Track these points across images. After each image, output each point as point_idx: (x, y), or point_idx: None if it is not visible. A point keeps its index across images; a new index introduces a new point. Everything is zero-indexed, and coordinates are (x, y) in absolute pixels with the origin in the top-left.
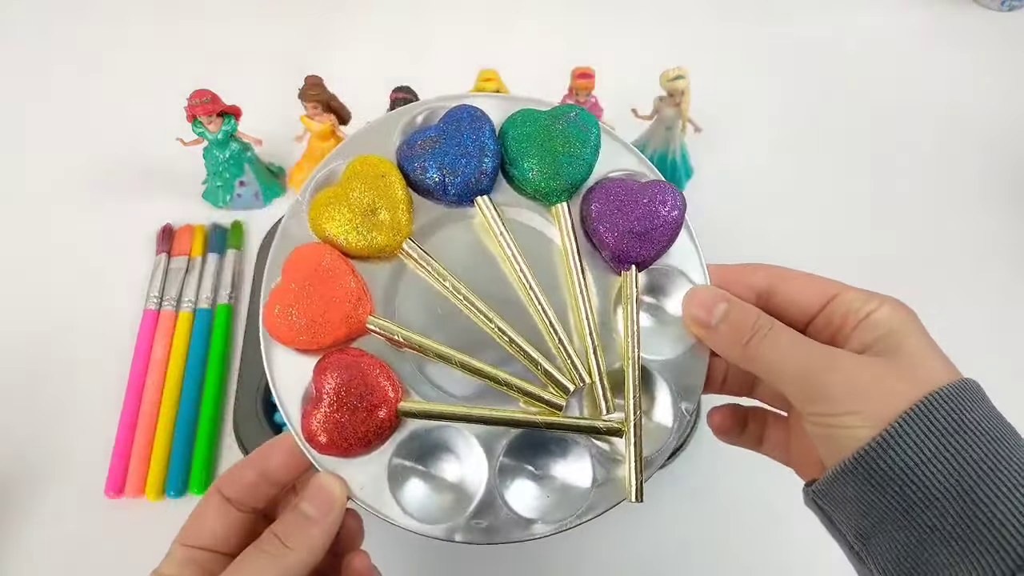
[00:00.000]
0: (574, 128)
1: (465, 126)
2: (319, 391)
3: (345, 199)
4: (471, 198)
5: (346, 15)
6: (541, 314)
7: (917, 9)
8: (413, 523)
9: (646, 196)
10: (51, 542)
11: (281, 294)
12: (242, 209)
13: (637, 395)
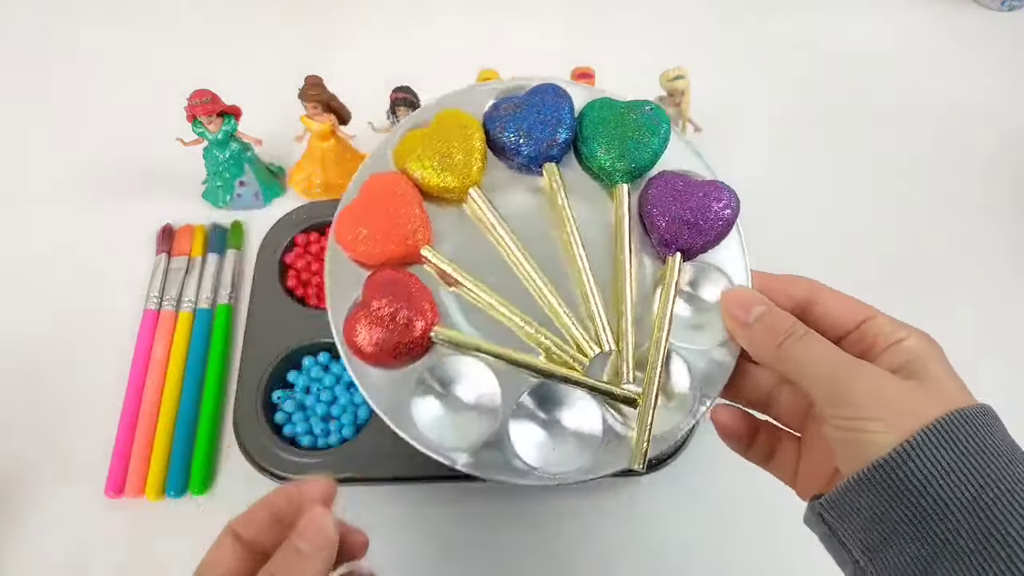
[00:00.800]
0: (646, 119)
1: (548, 99)
2: (366, 297)
3: (428, 140)
4: (540, 163)
5: (346, 15)
6: (584, 280)
7: (917, 9)
8: (424, 441)
9: (703, 191)
10: (51, 542)
11: (354, 207)
12: (242, 209)
13: (659, 370)
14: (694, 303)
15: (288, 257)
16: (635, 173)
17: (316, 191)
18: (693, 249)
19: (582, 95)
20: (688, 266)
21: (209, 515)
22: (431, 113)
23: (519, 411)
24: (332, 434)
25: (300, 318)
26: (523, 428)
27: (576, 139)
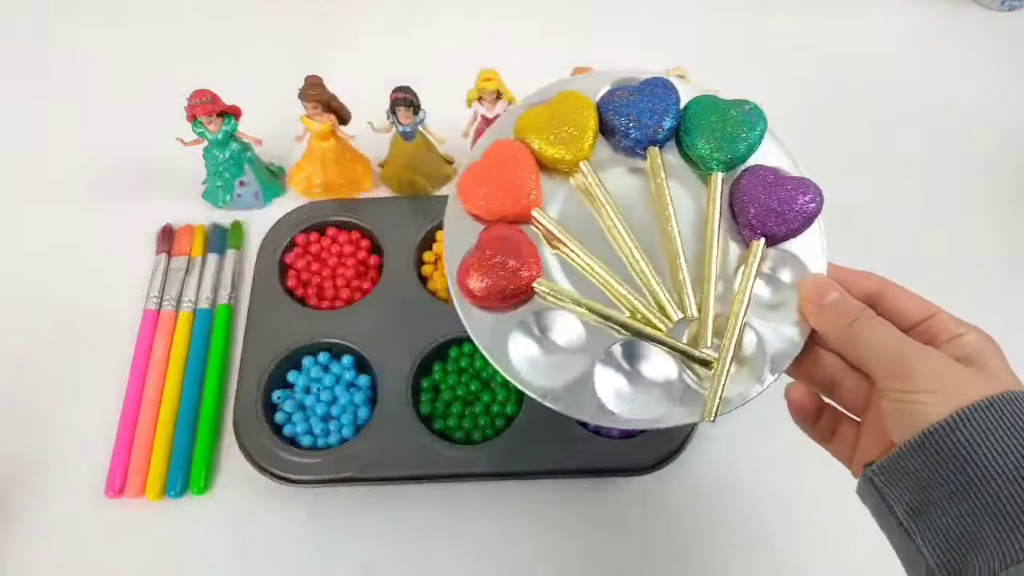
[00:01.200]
0: (745, 117)
1: (659, 90)
2: (481, 246)
3: (546, 115)
4: (645, 147)
5: (346, 15)
6: (678, 251)
7: (917, 9)
8: (520, 377)
9: (791, 184)
10: (52, 542)
11: (478, 167)
12: (242, 209)
13: (735, 339)
14: (772, 285)
15: (288, 257)
16: (730, 164)
17: (316, 191)
18: (776, 236)
19: (688, 91)
20: (770, 251)
21: (210, 515)
22: (552, 92)
23: (606, 360)
24: (332, 434)
25: (300, 318)
26: (607, 376)
27: (679, 128)
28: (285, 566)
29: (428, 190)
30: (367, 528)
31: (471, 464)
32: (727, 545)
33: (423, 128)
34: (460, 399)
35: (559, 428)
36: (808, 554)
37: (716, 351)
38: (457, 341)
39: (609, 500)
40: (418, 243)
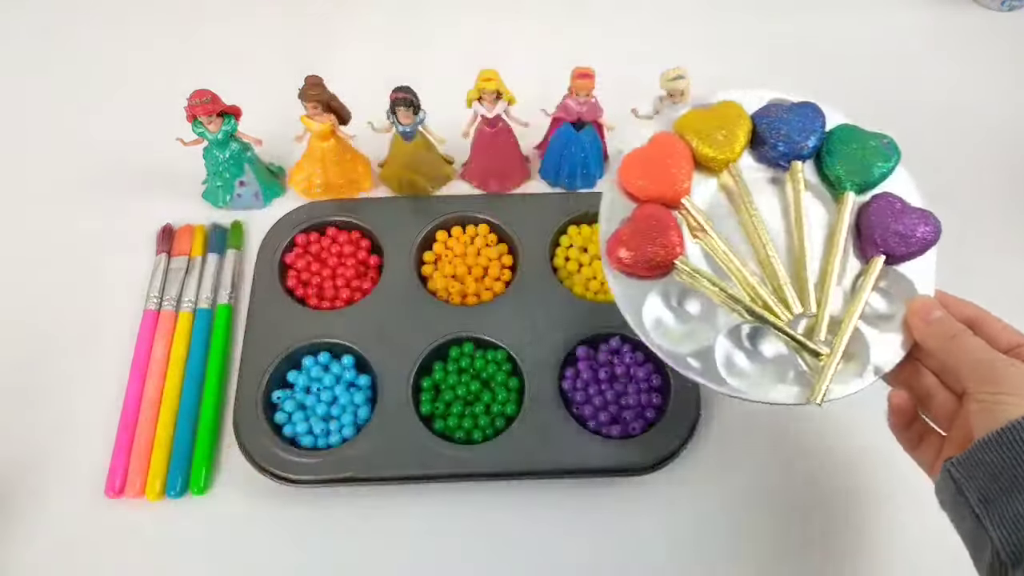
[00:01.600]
0: (883, 149)
1: (809, 113)
2: (634, 219)
3: (706, 118)
4: (789, 160)
5: (346, 15)
6: (803, 255)
7: (917, 9)
8: (652, 338)
9: (915, 214)
10: (52, 542)
11: (640, 153)
12: (242, 209)
13: (847, 337)
14: (885, 298)
15: (288, 257)
16: (862, 187)
17: (316, 191)
18: (895, 257)
19: (836, 117)
20: (886, 270)
21: (210, 515)
22: (715, 99)
23: (730, 335)
24: (332, 434)
25: (300, 318)
26: (727, 351)
27: (821, 149)
28: (285, 566)
29: (428, 190)
30: (367, 528)
31: (471, 464)
32: (726, 545)
33: (423, 128)
34: (460, 399)
35: (559, 428)
36: (808, 553)
37: (827, 346)
38: (457, 341)
39: (609, 500)
40: (418, 243)
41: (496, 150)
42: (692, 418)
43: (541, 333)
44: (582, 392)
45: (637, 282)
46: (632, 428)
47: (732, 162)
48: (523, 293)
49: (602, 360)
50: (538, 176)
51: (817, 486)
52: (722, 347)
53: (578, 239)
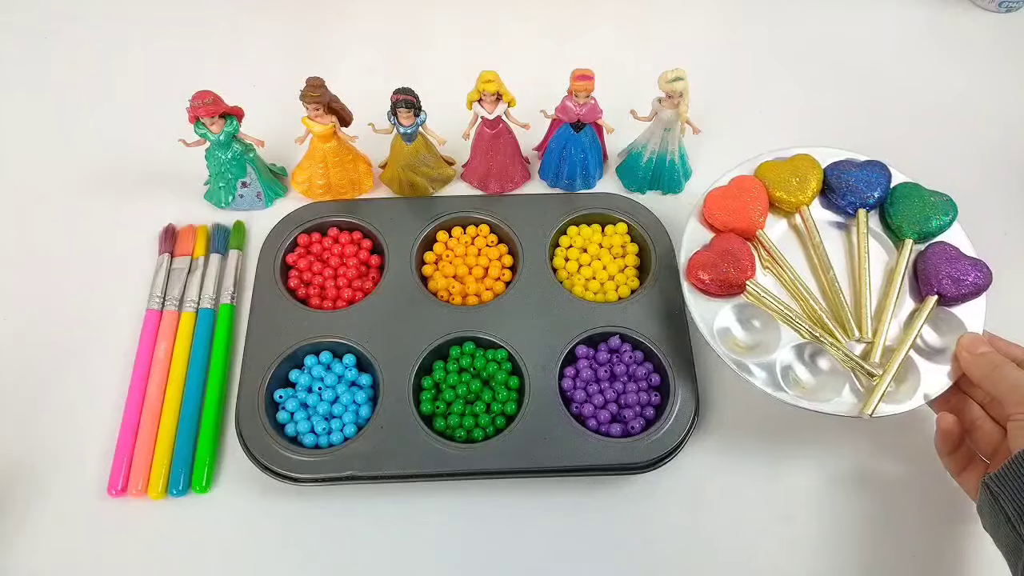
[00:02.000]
0: (942, 203)
1: (876, 169)
2: (713, 244)
3: (783, 167)
4: (856, 209)
5: (347, 17)
6: (864, 289)
7: (914, 10)
8: (720, 346)
9: (968, 262)
10: (54, 541)
11: (723, 191)
12: (244, 210)
13: (900, 362)
14: (937, 332)
15: (290, 257)
16: (920, 236)
17: (318, 192)
18: (947, 298)
19: (900, 177)
20: (939, 309)
21: (212, 514)
22: (791, 152)
23: (791, 350)
24: (334, 433)
25: (302, 318)
26: (788, 363)
27: (885, 201)
28: (288, 563)
29: (429, 191)
30: (368, 526)
31: (472, 463)
32: (725, 542)
33: (424, 129)
34: (461, 398)
35: (559, 427)
36: (807, 551)
37: (880, 368)
38: (458, 340)
39: (609, 498)
40: (419, 243)
41: (496, 151)
42: (691, 417)
43: (541, 332)
44: (582, 391)
45: (711, 300)
46: (632, 427)
47: (804, 205)
48: (523, 293)
49: (602, 359)
50: (538, 177)
51: (816, 485)
52: (783, 360)
53: (578, 240)
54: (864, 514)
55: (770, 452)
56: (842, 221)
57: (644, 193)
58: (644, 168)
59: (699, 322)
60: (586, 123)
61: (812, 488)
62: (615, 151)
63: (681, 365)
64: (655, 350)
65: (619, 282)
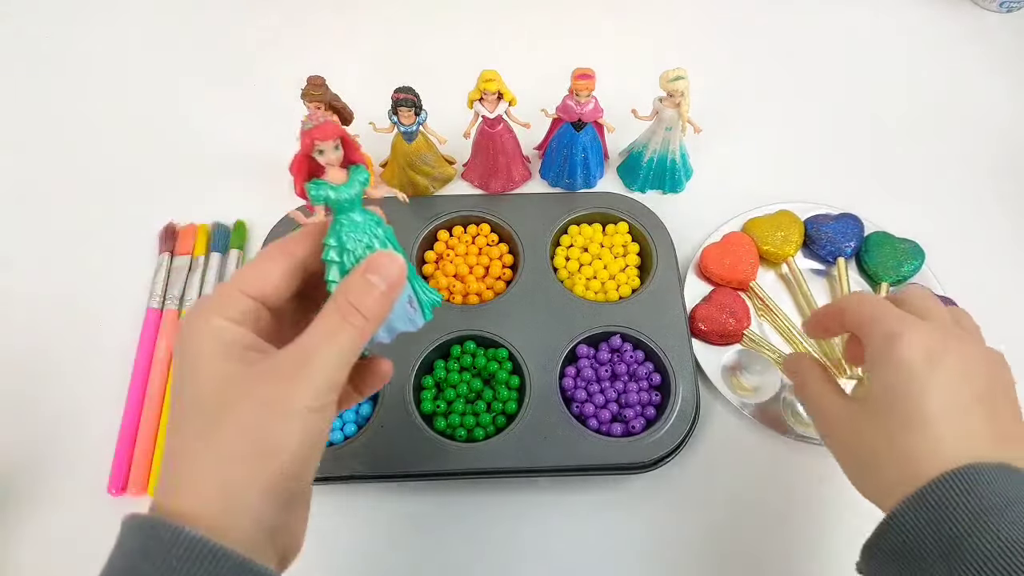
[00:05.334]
0: (911, 250)
1: (851, 222)
2: (711, 297)
3: (767, 223)
4: (834, 257)
5: (347, 16)
6: None
7: (914, 9)
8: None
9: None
10: (54, 540)
11: (715, 246)
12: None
13: None
14: None
15: None
16: (895, 280)
17: None
18: None
19: (871, 227)
20: None
21: None
22: (774, 209)
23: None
24: (334, 432)
25: None
26: (791, 402)
27: (860, 249)
28: None
29: (429, 190)
30: (369, 526)
31: (473, 462)
32: (726, 542)
33: (424, 128)
34: (462, 397)
35: (560, 426)
36: (807, 550)
37: None
38: (459, 339)
39: (610, 497)
40: (420, 242)
41: (497, 150)
42: (692, 416)
43: (542, 332)
44: (583, 390)
45: (712, 347)
46: (633, 426)
47: (789, 256)
48: (524, 292)
49: (603, 359)
50: (539, 176)
51: (817, 485)
52: (787, 400)
53: (579, 239)
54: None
55: (771, 452)
56: (823, 269)
57: (645, 192)
58: (645, 167)
59: (707, 367)
60: (587, 122)
61: (813, 488)
62: (616, 150)
63: (682, 364)
64: (656, 350)
65: (620, 281)
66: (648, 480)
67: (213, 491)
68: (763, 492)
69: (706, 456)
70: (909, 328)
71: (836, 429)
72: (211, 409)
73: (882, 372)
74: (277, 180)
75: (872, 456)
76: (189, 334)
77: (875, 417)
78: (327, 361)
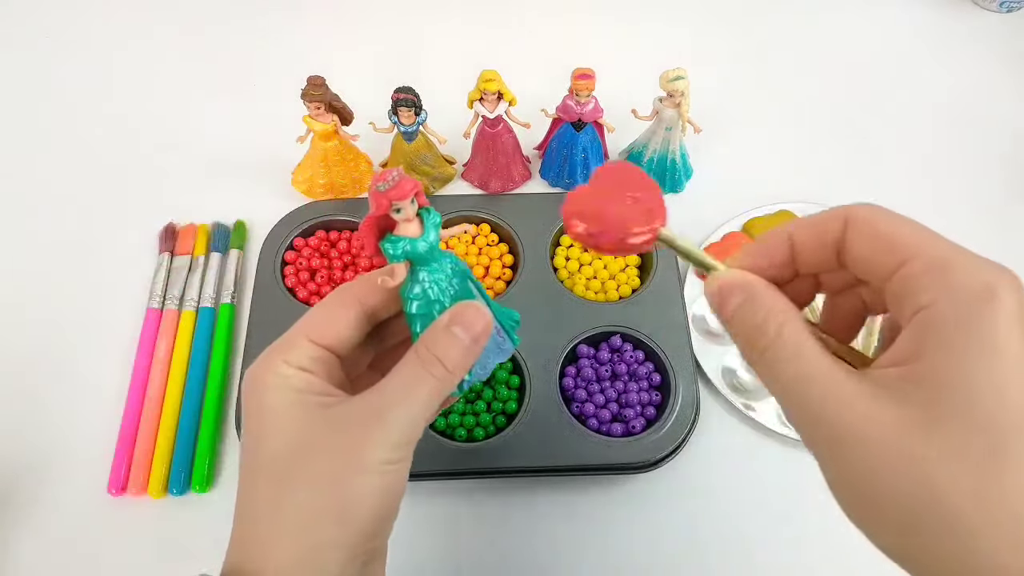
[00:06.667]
0: None
1: None
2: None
3: (767, 224)
4: None
5: (347, 15)
6: None
7: (915, 10)
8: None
9: None
10: (54, 540)
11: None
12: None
13: None
14: None
15: (290, 256)
16: None
17: (319, 191)
18: None
19: None
20: None
21: (212, 512)
22: (774, 209)
23: None
24: None
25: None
26: None
27: None
28: None
29: (429, 190)
30: None
31: (473, 461)
32: (726, 541)
33: (424, 128)
34: (462, 397)
35: (560, 426)
36: (807, 549)
37: None
38: None
39: (610, 497)
40: None
41: (497, 150)
42: (692, 416)
43: (542, 332)
44: (583, 390)
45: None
46: (633, 426)
47: None
48: (524, 292)
49: (603, 358)
50: (539, 176)
51: (819, 484)
52: None
53: None
54: None
55: (771, 452)
56: None
57: None
58: (645, 167)
59: (705, 367)
60: (587, 122)
61: (814, 488)
62: (616, 150)
63: (682, 364)
64: (656, 350)
65: (620, 281)
66: (648, 480)
67: (291, 555)
68: (763, 492)
69: (706, 456)
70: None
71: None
72: (284, 462)
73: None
74: (277, 180)
75: (926, 498)
76: (256, 383)
77: (936, 428)
78: (404, 413)
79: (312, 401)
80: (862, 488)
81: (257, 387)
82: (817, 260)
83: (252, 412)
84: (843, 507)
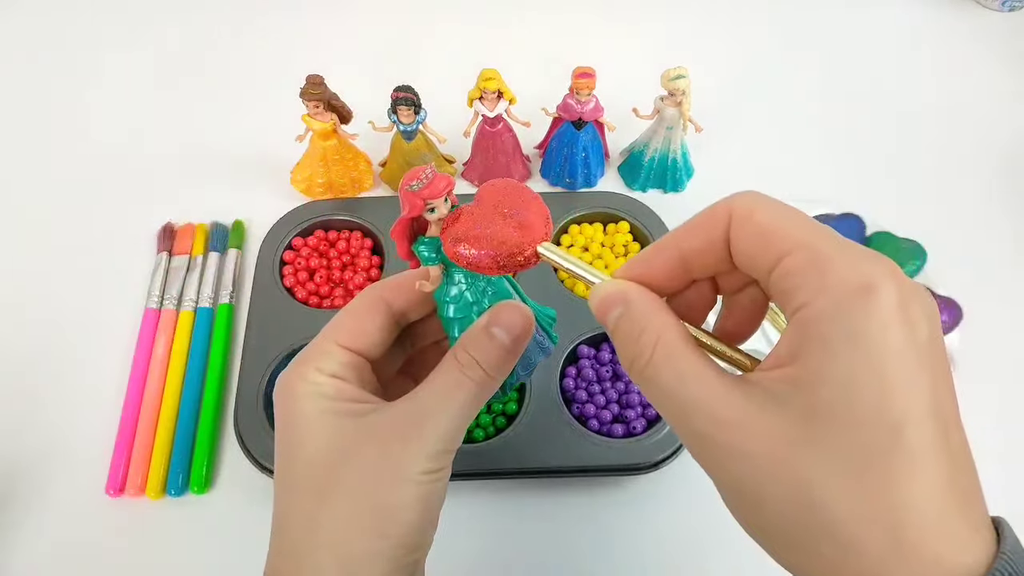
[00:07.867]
0: (913, 249)
1: (851, 223)
2: (478, 194)
3: None
4: None
5: (347, 14)
6: None
7: (917, 9)
8: None
9: (941, 302)
10: (52, 541)
11: None
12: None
13: None
14: None
15: (289, 256)
16: None
17: (318, 190)
18: None
19: (872, 227)
20: None
21: (211, 514)
22: None
23: None
24: None
25: (301, 317)
26: None
27: None
28: None
29: None
30: None
31: (473, 463)
32: (727, 542)
33: (424, 127)
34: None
35: (561, 427)
36: None
37: None
38: None
39: (611, 498)
40: None
41: (497, 149)
42: None
43: None
44: (584, 391)
45: None
46: (634, 427)
47: None
48: (524, 292)
49: (604, 359)
50: (539, 175)
51: None
52: None
53: (579, 239)
54: None
55: None
56: None
57: (646, 192)
58: (646, 167)
59: None
60: (587, 121)
61: None
62: (617, 149)
63: None
64: None
65: None
66: (649, 481)
67: (330, 568)
68: None
69: None
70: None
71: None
72: (320, 472)
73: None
74: (276, 179)
75: (806, 508)
76: (287, 392)
77: (813, 433)
78: (443, 421)
79: (345, 409)
80: (750, 504)
81: (288, 396)
82: (710, 262)
83: (284, 421)
84: (743, 527)
